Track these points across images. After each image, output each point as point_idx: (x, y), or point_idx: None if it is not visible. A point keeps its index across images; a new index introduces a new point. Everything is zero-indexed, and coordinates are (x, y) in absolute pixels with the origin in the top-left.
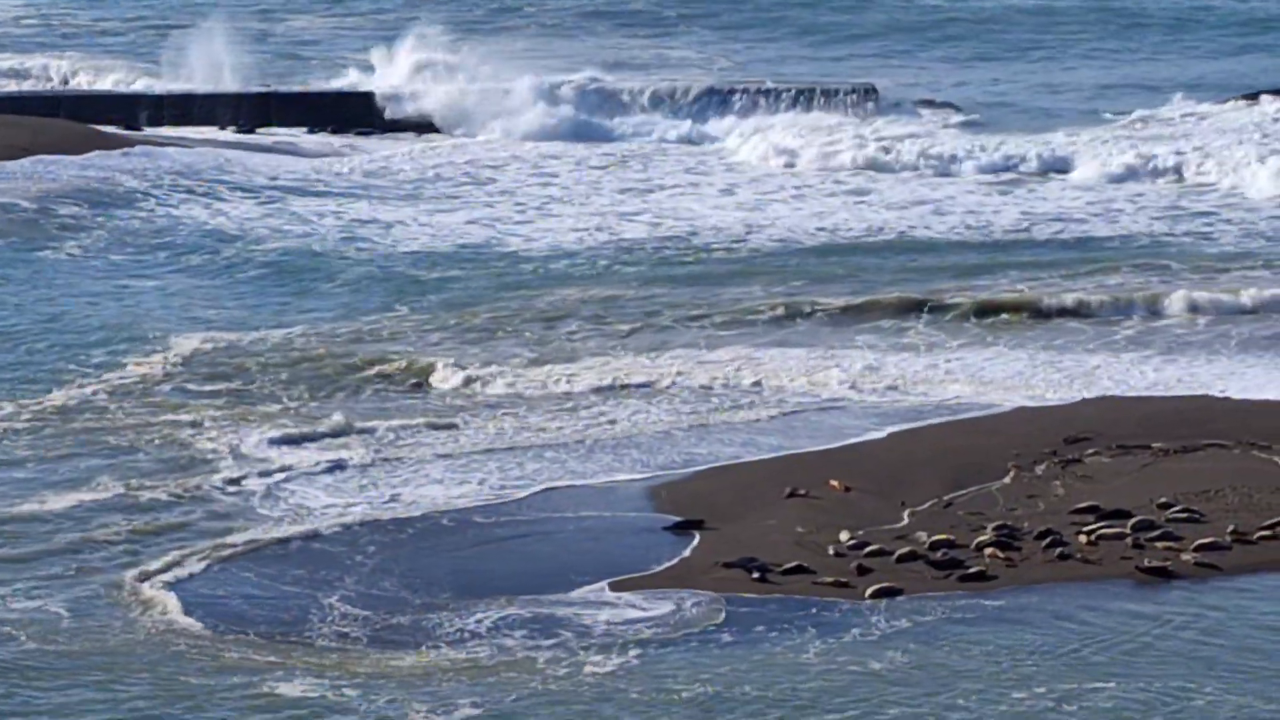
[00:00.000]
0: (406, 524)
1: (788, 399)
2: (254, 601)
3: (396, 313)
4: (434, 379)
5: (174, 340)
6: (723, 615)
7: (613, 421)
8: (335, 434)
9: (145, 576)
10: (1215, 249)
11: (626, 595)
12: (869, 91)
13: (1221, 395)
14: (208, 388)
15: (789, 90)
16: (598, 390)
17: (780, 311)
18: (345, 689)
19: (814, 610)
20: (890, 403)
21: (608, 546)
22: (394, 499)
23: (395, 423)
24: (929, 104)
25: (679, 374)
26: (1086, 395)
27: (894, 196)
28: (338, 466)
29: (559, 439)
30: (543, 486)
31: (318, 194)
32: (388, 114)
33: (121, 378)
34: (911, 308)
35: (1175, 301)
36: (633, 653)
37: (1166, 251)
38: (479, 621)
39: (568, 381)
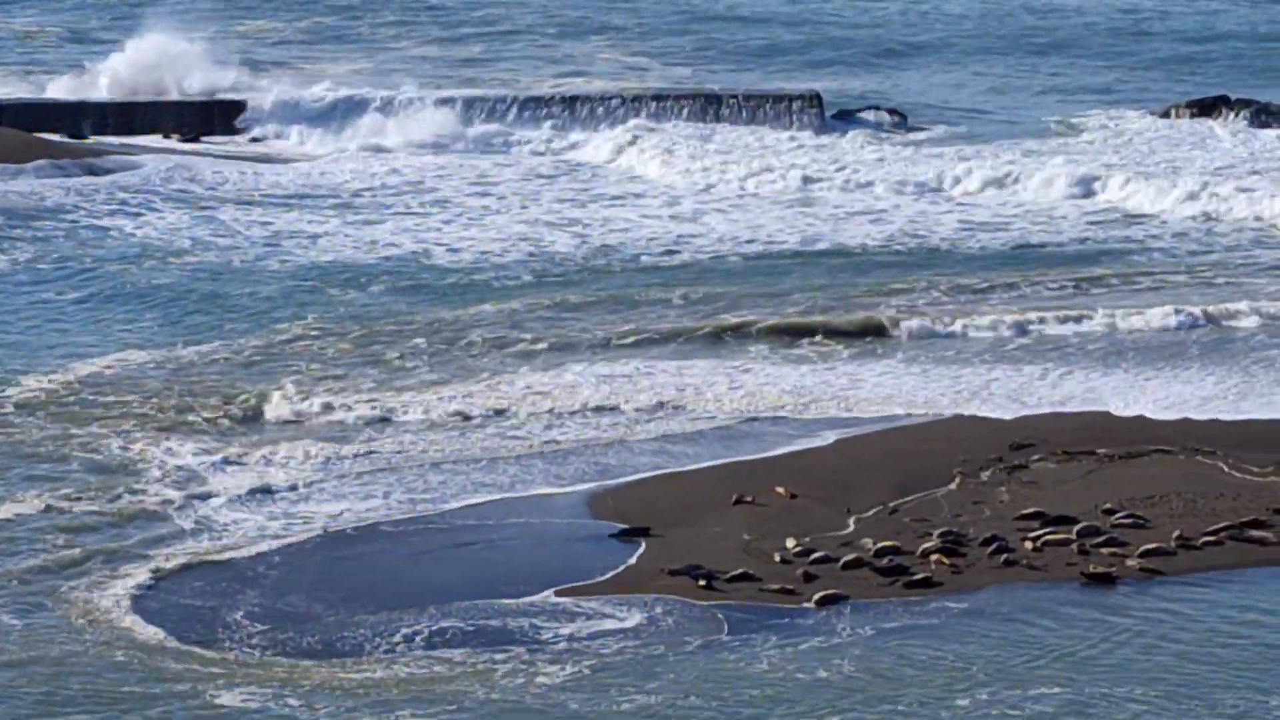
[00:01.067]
0: (346, 537)
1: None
2: (198, 613)
3: (304, 323)
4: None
5: (86, 355)
6: (669, 623)
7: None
8: (257, 449)
9: (83, 588)
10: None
11: (573, 603)
12: (813, 99)
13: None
14: (117, 401)
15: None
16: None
17: (685, 325)
18: (288, 700)
19: (760, 617)
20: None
21: (554, 555)
22: (325, 513)
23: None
24: (875, 109)
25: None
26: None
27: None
28: (264, 488)
29: (480, 454)
30: (488, 497)
31: (250, 204)
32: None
33: (25, 393)
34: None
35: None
36: (578, 661)
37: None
38: (423, 632)
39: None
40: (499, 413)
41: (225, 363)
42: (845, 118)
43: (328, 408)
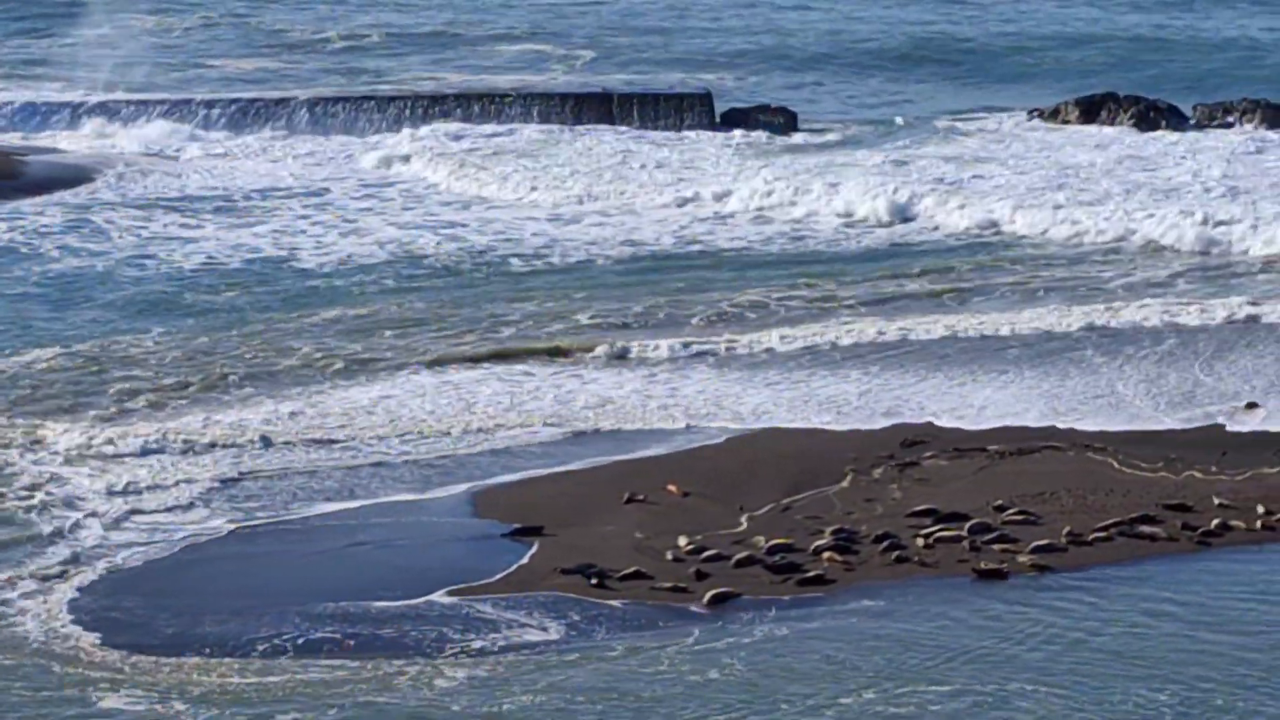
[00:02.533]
0: (234, 539)
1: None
2: (89, 615)
3: (149, 333)
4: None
5: None
6: (561, 623)
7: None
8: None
9: None
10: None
11: (464, 603)
12: (704, 98)
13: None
14: None
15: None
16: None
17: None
18: (175, 703)
19: (653, 616)
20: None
21: (445, 555)
22: (212, 514)
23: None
24: (765, 109)
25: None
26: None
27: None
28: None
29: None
30: (372, 500)
31: (131, 206)
32: None
33: None
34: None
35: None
36: (468, 662)
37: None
38: (313, 635)
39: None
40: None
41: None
42: (735, 118)
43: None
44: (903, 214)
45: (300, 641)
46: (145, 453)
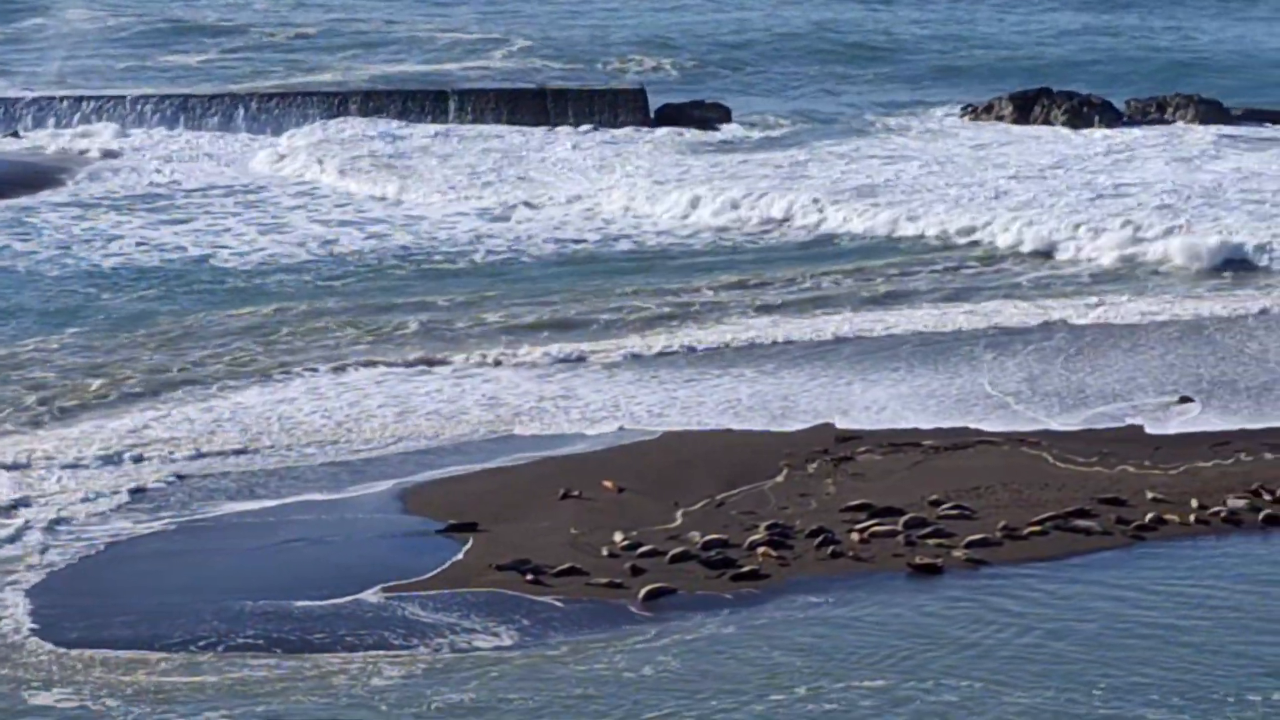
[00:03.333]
0: (161, 537)
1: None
2: (19, 615)
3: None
4: None
5: None
6: (495, 619)
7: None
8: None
9: None
10: None
11: (399, 599)
12: (637, 94)
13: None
14: None
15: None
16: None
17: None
18: (106, 700)
19: (588, 612)
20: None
21: (380, 552)
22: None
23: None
24: (700, 105)
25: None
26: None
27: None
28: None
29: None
30: (305, 497)
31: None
32: None
33: None
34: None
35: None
36: (400, 659)
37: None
38: (247, 632)
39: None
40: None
41: None
42: (670, 114)
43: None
44: (798, 217)
45: (231, 640)
46: (62, 457)
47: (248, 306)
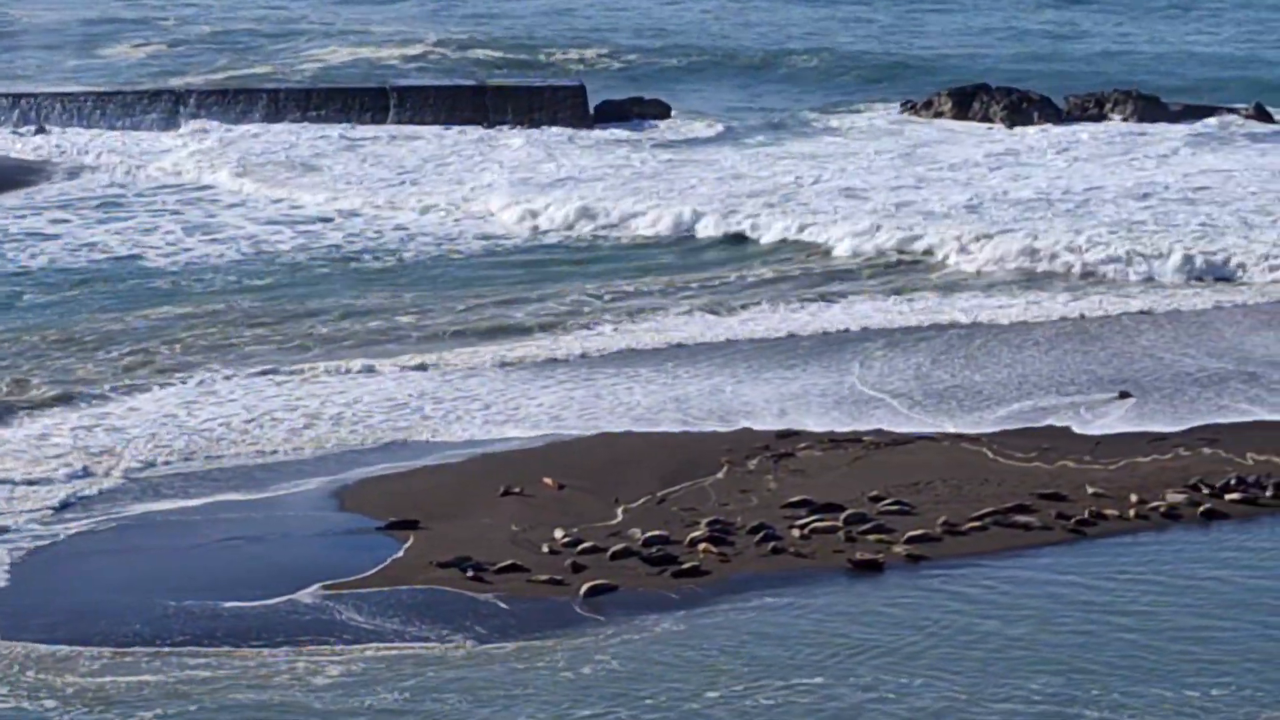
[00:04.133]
0: (96, 536)
1: None
2: None
3: None
4: None
5: None
6: (435, 616)
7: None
8: None
9: None
10: None
11: (340, 597)
12: (577, 91)
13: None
14: None
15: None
16: None
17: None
18: (44, 701)
19: (528, 610)
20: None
21: (321, 549)
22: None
23: None
24: (639, 101)
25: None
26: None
27: None
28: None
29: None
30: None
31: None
32: None
33: None
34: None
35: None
36: (338, 657)
37: None
38: (186, 630)
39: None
40: None
41: None
42: (609, 111)
43: None
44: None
45: (169, 639)
46: None
47: (164, 307)
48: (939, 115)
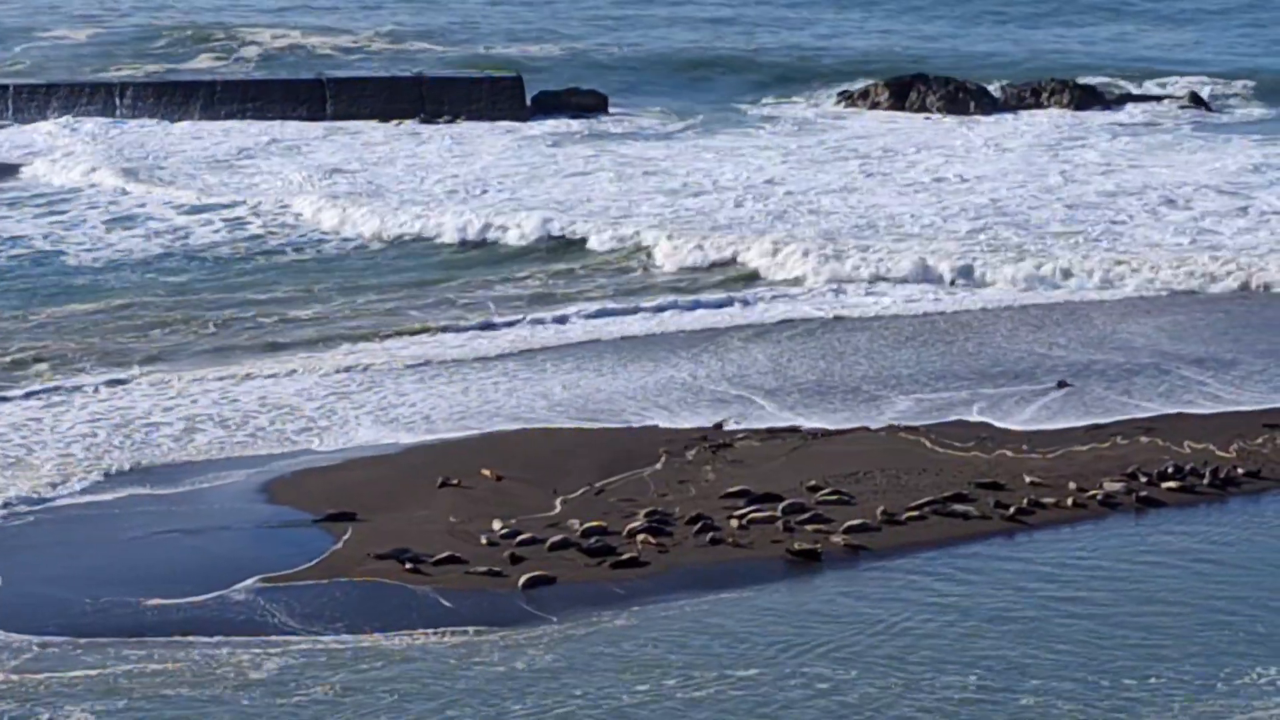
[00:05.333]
0: (13, 532)
1: None
2: None
3: None
4: None
5: None
6: (371, 609)
7: None
8: None
9: None
10: None
11: (276, 591)
12: (514, 82)
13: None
14: None
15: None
16: None
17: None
18: None
19: (465, 603)
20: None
21: (257, 542)
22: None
23: None
24: (576, 92)
25: None
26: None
27: None
28: None
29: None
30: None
31: None
32: None
33: None
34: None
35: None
36: (272, 651)
37: None
38: (115, 622)
39: None
40: None
41: None
42: (546, 102)
43: None
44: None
45: (101, 633)
46: None
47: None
48: (875, 106)
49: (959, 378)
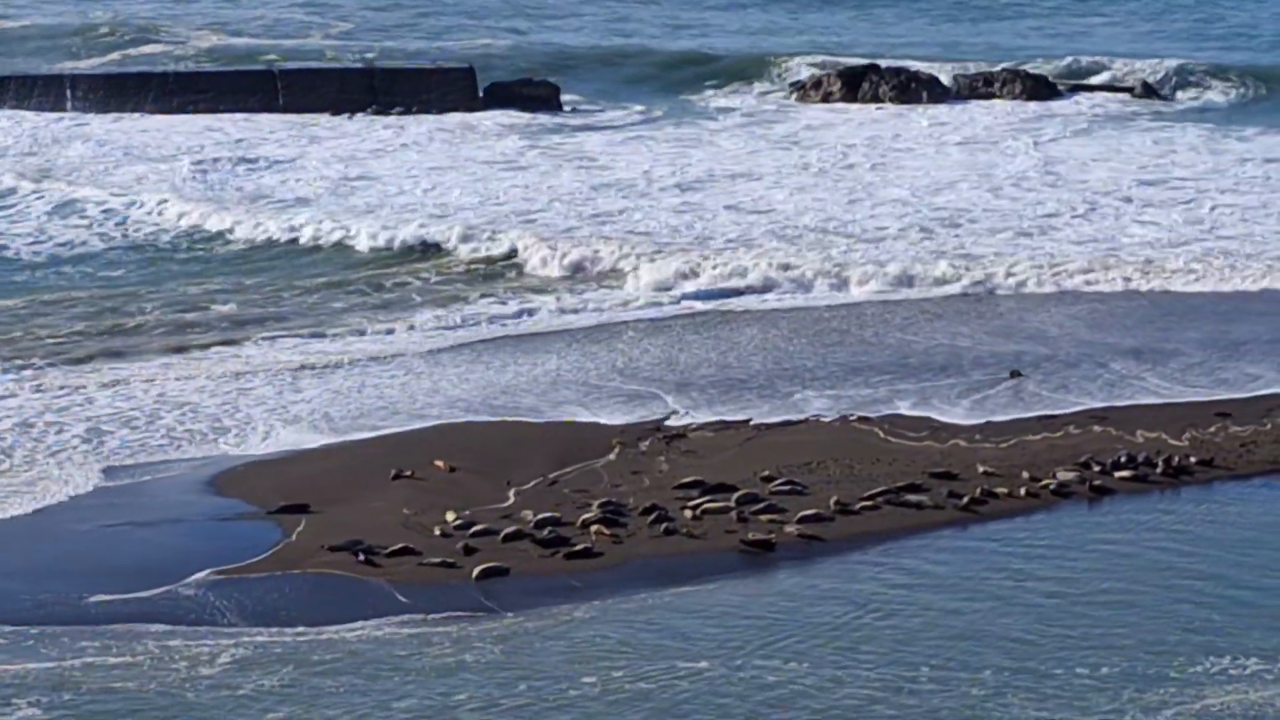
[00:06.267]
0: None
1: None
2: None
3: None
4: None
5: None
6: (323, 602)
7: None
8: None
9: None
10: None
11: (228, 584)
12: (466, 73)
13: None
14: None
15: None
16: None
17: None
18: None
19: (418, 595)
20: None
21: (210, 535)
22: None
23: None
24: (529, 83)
25: None
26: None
27: None
28: None
29: None
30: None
31: None
32: None
33: None
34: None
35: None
36: (223, 644)
37: None
38: (64, 616)
39: None
40: None
41: None
42: (499, 93)
43: None
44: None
45: (51, 626)
46: None
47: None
48: (828, 97)
49: (881, 371)
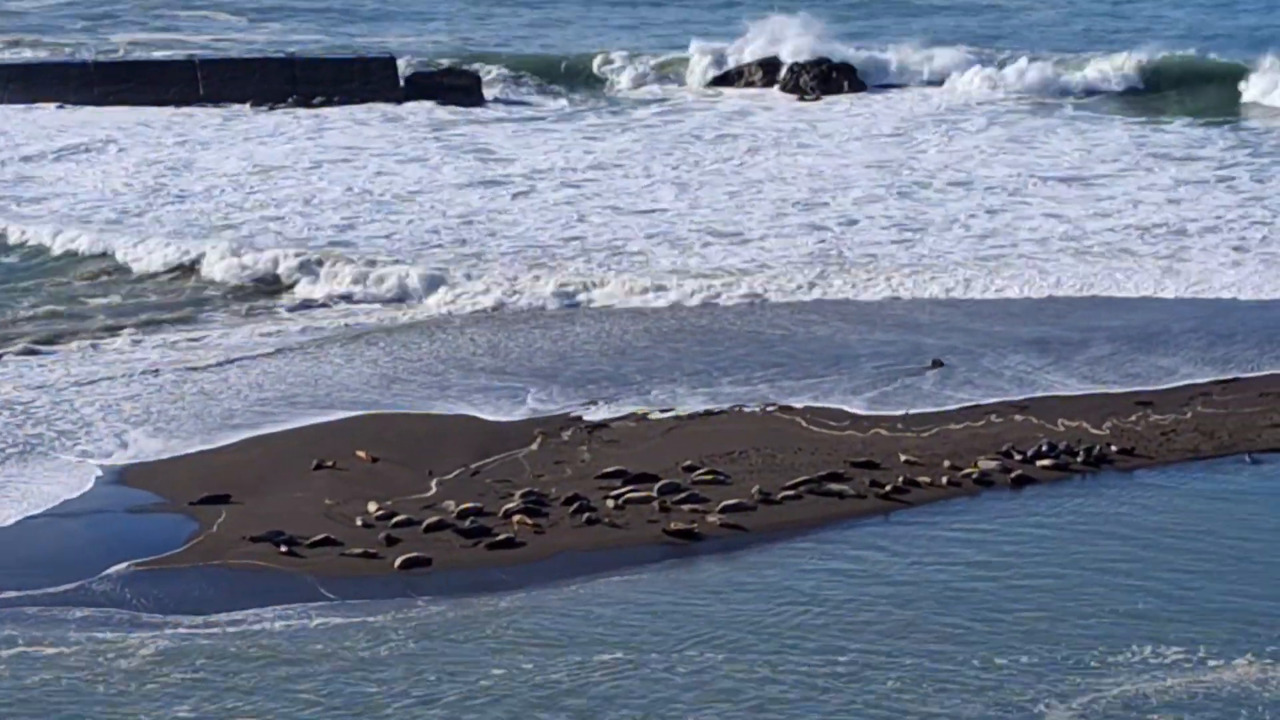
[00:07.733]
0: None
1: None
2: None
3: None
4: None
5: None
6: (244, 592)
7: None
8: None
9: None
10: None
11: (148, 575)
12: (387, 63)
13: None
14: None
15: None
16: None
17: None
18: None
19: (338, 586)
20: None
21: (130, 527)
22: None
23: None
24: (450, 72)
25: None
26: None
27: None
28: None
29: None
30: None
31: None
32: None
33: None
34: None
35: None
36: (134, 639)
37: None
38: None
39: None
40: None
41: None
42: (420, 83)
43: None
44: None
45: None
46: None
47: None
48: (750, 85)
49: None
